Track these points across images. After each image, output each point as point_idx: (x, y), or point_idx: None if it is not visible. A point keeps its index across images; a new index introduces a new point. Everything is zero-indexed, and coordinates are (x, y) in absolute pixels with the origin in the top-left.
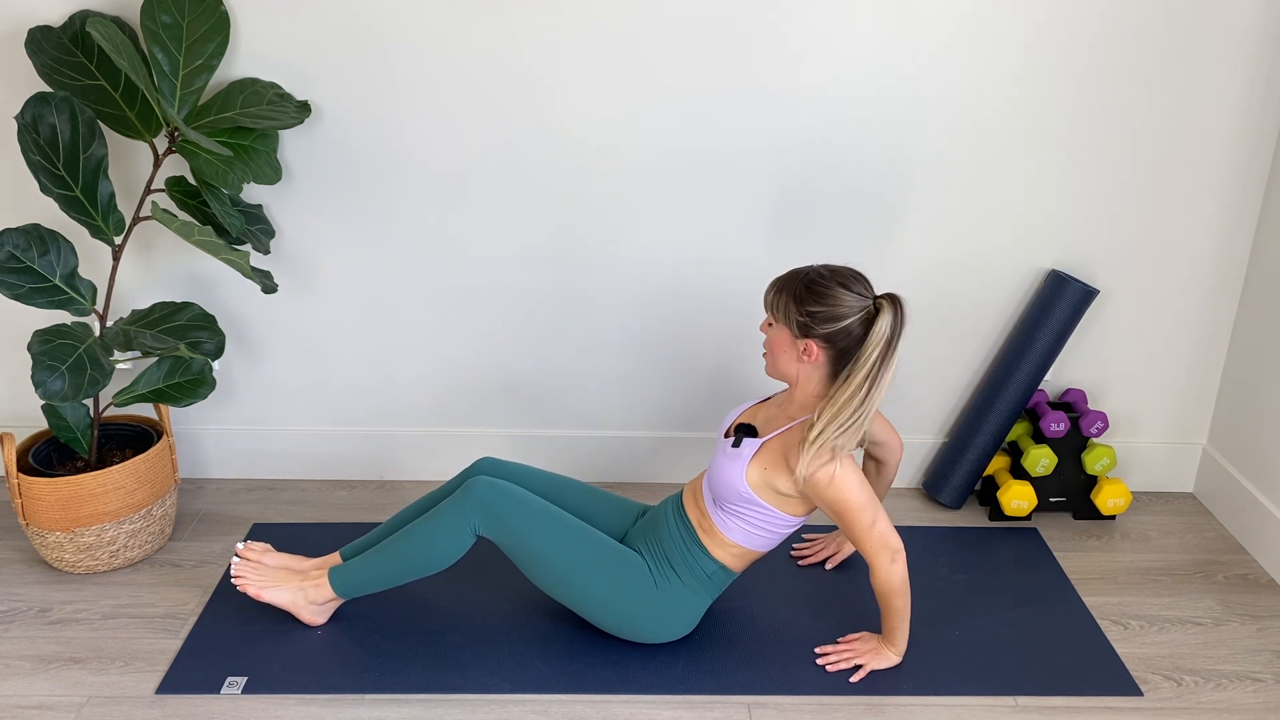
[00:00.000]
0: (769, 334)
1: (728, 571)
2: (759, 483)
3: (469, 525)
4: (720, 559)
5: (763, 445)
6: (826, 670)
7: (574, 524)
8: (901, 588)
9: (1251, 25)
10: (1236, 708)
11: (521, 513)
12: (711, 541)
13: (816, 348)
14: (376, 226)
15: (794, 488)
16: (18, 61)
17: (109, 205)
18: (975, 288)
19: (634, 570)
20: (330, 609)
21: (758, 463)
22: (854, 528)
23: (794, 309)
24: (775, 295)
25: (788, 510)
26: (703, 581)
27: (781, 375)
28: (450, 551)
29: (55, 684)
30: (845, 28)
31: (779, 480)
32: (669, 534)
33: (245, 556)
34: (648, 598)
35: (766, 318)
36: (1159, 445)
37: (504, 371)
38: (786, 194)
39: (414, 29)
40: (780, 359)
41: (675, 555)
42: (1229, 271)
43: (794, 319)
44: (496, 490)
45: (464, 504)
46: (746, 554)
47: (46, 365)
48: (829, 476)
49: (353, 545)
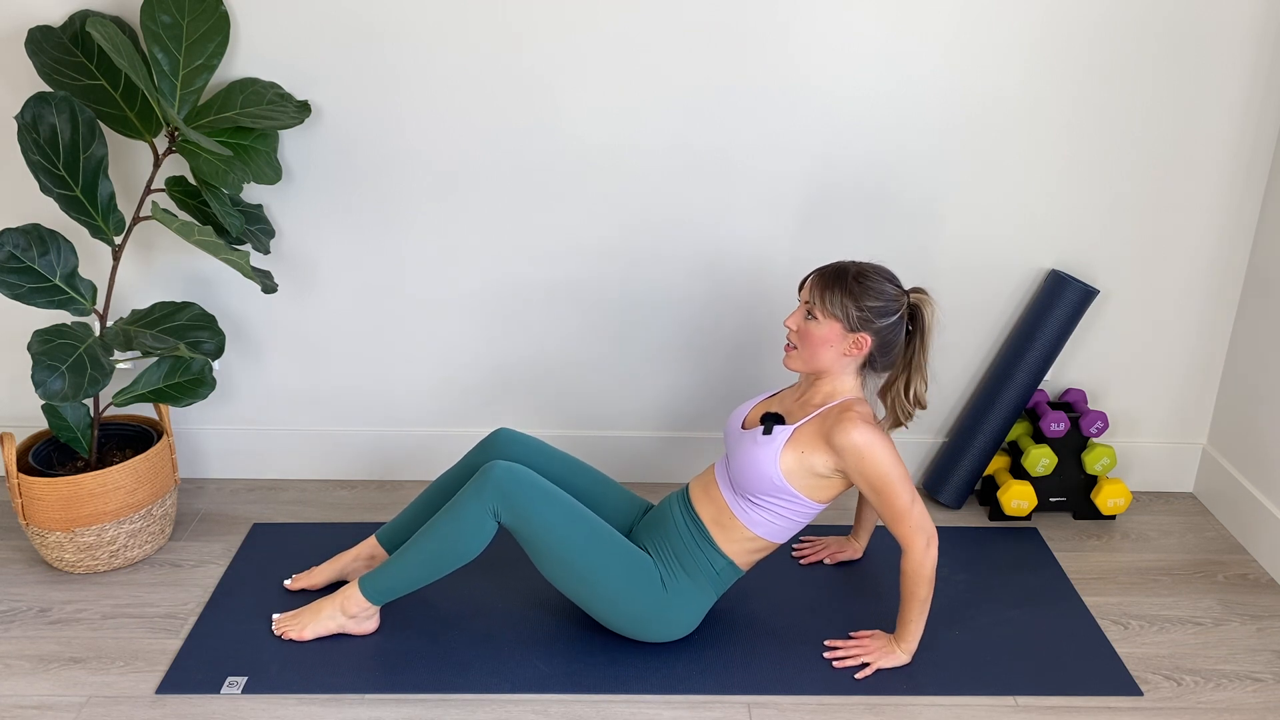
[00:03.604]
0: (808, 328)
1: (735, 568)
2: (794, 468)
3: (489, 511)
4: (730, 554)
5: (795, 431)
6: (834, 665)
7: (590, 518)
8: (930, 576)
9: (1251, 25)
10: (1236, 708)
11: (539, 501)
12: (725, 536)
13: (868, 340)
14: (376, 226)
15: (833, 464)
16: (18, 61)
17: (109, 205)
18: (975, 288)
19: (644, 569)
20: (375, 613)
21: (793, 448)
22: (893, 504)
23: (850, 304)
24: (826, 291)
25: (816, 496)
26: (710, 578)
27: (814, 367)
28: (476, 541)
29: (55, 684)
30: (845, 28)
31: (817, 460)
32: (676, 532)
33: (280, 625)
34: (656, 597)
35: (800, 313)
36: (1159, 445)
37: (504, 371)
38: (786, 194)
39: (414, 29)
40: (821, 352)
41: (683, 553)
42: (1229, 271)
43: (851, 314)
44: (513, 476)
45: (481, 491)
46: (760, 547)
47: (46, 365)
48: (869, 442)
49: (389, 526)
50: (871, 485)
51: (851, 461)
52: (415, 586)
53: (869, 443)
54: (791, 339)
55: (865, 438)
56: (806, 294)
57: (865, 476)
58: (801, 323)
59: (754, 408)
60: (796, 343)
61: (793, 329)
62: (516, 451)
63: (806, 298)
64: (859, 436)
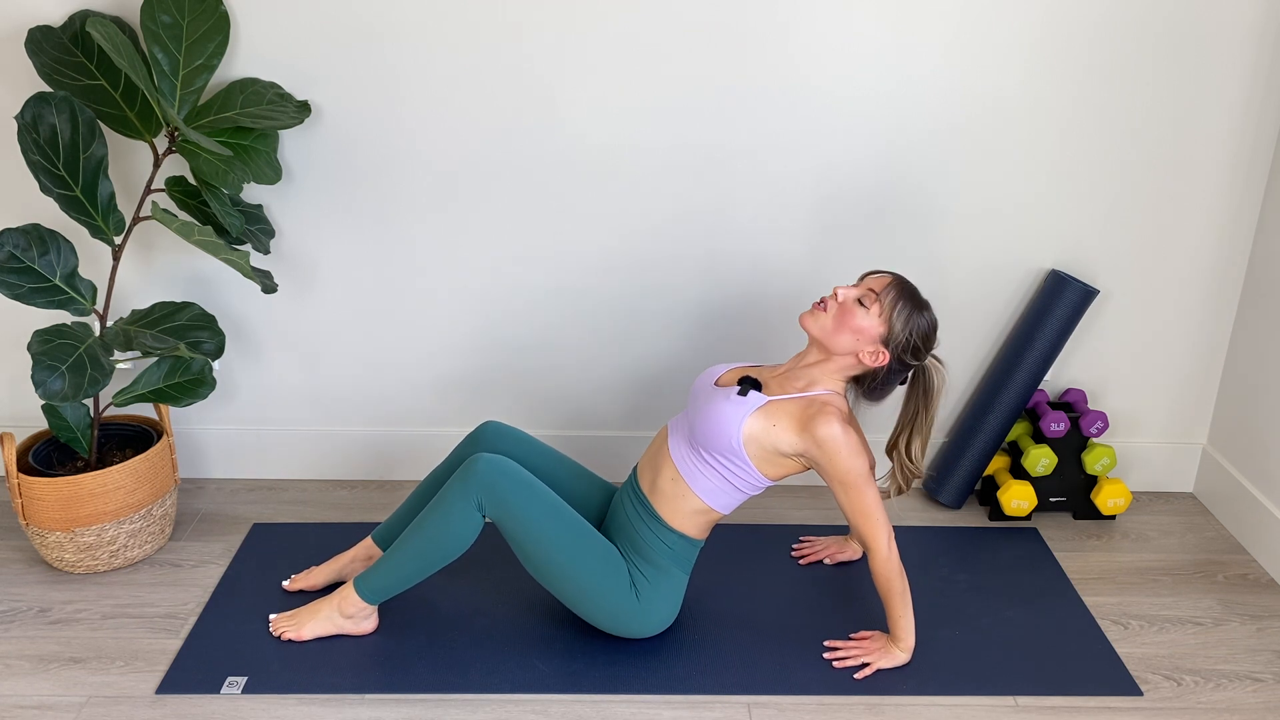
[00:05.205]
0: (853, 309)
1: (689, 540)
2: (757, 436)
3: (474, 505)
4: (678, 527)
5: (771, 403)
6: (833, 665)
7: (569, 515)
8: (900, 567)
9: (1251, 25)
10: (1236, 708)
11: (521, 495)
12: (667, 508)
13: (886, 361)
14: (376, 226)
15: (799, 448)
16: (18, 61)
17: (109, 205)
18: (975, 288)
19: (616, 565)
20: (372, 613)
21: (763, 418)
22: (860, 501)
23: (905, 320)
24: (899, 297)
25: (765, 470)
26: (670, 557)
27: (828, 341)
28: (464, 536)
29: (55, 684)
30: (846, 28)
31: (784, 439)
32: (626, 517)
33: (277, 625)
34: (628, 592)
35: (860, 293)
36: (1159, 445)
37: (504, 371)
38: (786, 194)
39: (414, 29)
40: (846, 335)
41: (638, 538)
42: (1229, 271)
43: (897, 327)
44: (497, 469)
45: (466, 484)
46: (706, 516)
47: (46, 365)
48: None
49: (384, 525)
50: (841, 481)
51: (826, 453)
52: (409, 584)
53: (845, 439)
54: (829, 304)
55: (842, 433)
56: (875, 285)
57: (836, 471)
58: (852, 300)
59: (731, 370)
60: (831, 313)
61: (839, 299)
62: (503, 444)
63: (873, 286)
64: (838, 431)
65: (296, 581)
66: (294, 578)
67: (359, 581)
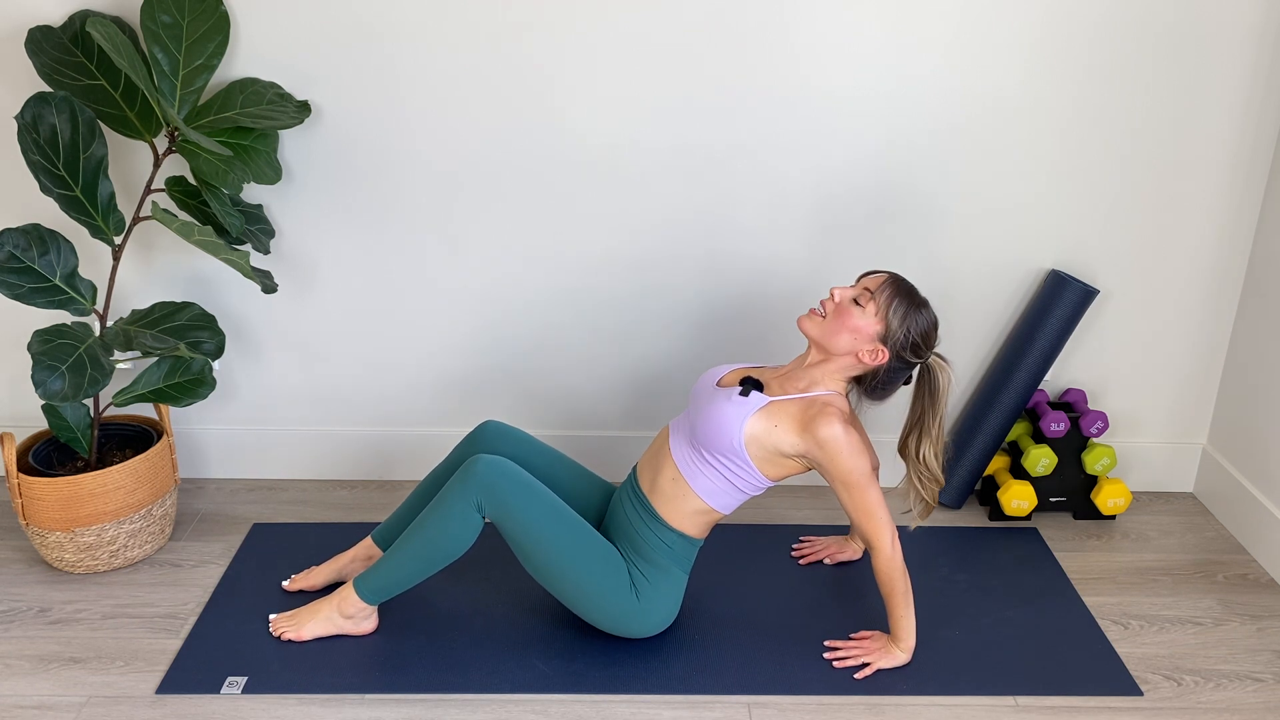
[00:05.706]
0: (850, 309)
1: (689, 540)
2: (758, 437)
3: (473, 506)
4: (678, 526)
5: (773, 403)
6: (834, 665)
7: (569, 515)
8: (903, 568)
9: (1251, 25)
10: (1236, 708)
11: (521, 496)
12: (667, 508)
13: (886, 359)
14: (376, 226)
15: (801, 449)
16: (18, 61)
17: (109, 205)
18: (975, 288)
19: (616, 566)
20: (372, 613)
21: (765, 418)
22: (863, 501)
23: (902, 319)
24: (895, 295)
25: (766, 471)
26: (669, 556)
27: (826, 343)
28: (463, 537)
29: (55, 684)
30: (846, 28)
31: (786, 439)
32: (625, 517)
33: (277, 625)
34: (629, 592)
35: (856, 292)
36: (1159, 445)
37: (504, 371)
38: (786, 194)
39: (414, 28)
40: (844, 335)
41: (637, 538)
42: (1229, 271)
43: (894, 325)
44: (497, 470)
45: (466, 485)
46: (706, 516)
47: (46, 365)
48: (846, 439)
49: (384, 525)
50: (844, 481)
51: (827, 453)
52: (408, 585)
53: (846, 439)
54: (826, 306)
55: (843, 434)
56: (870, 284)
57: (838, 471)
58: (848, 301)
59: (732, 371)
60: (829, 314)
61: (837, 300)
62: (503, 444)
63: (869, 285)
64: (839, 431)
65: (296, 581)
66: (294, 578)
67: (359, 582)
